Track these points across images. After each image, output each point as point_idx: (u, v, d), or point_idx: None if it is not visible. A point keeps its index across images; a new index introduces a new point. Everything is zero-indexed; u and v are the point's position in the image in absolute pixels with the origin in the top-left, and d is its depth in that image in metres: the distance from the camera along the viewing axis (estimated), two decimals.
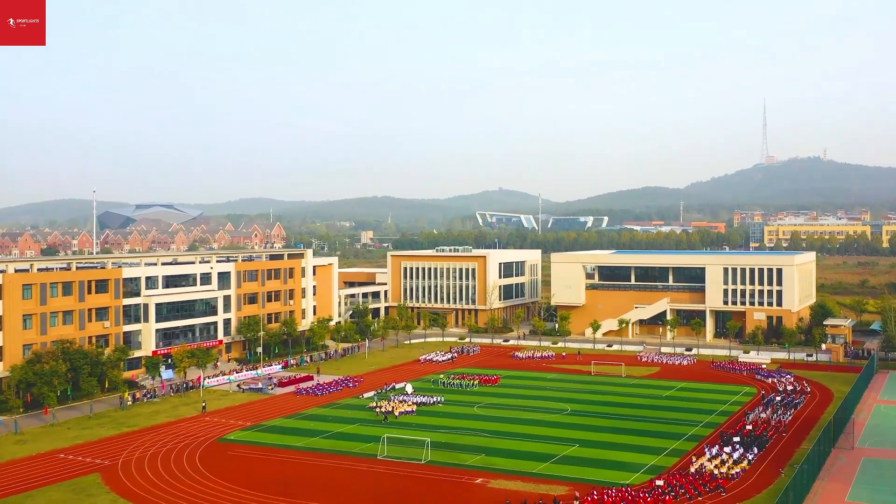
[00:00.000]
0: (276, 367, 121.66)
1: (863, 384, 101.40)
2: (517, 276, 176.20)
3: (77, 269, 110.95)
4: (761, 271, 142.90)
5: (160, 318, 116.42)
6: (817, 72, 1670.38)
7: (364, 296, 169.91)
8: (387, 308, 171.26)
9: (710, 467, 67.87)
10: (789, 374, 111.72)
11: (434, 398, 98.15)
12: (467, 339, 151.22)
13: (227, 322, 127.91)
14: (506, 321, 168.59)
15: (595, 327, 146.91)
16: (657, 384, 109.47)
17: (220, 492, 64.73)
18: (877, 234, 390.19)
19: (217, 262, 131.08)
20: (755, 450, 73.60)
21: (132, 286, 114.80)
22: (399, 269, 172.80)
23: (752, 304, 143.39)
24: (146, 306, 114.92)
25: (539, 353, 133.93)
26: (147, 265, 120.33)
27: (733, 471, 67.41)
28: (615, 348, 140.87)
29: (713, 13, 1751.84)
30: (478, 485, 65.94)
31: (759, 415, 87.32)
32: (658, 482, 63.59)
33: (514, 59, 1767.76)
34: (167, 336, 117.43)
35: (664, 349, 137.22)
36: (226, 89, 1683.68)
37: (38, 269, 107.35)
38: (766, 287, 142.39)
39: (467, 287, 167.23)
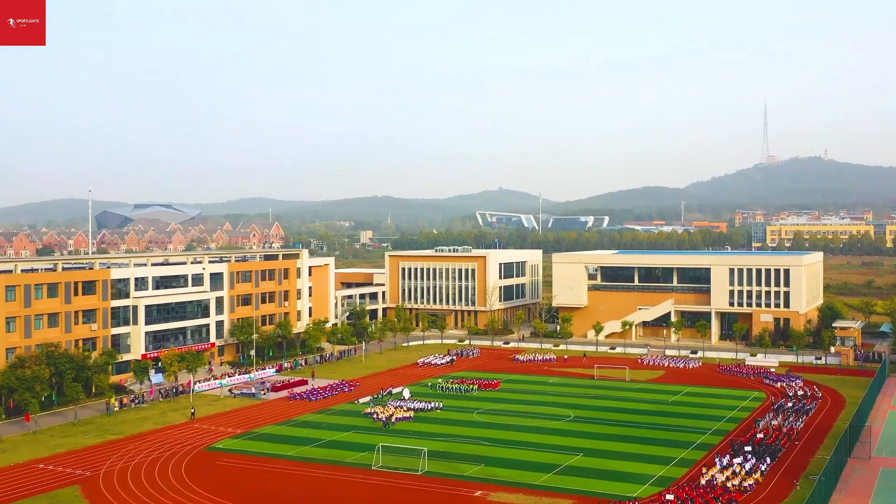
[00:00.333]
0: (269, 371, 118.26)
1: (875, 389, 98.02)
2: (518, 276, 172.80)
3: (63, 269, 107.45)
4: (768, 272, 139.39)
5: (150, 321, 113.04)
6: (817, 72, 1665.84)
7: (361, 297, 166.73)
8: (384, 309, 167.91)
9: (721, 479, 64.48)
10: (799, 379, 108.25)
11: (432, 404, 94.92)
12: (467, 342, 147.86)
13: (219, 324, 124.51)
14: (506, 323, 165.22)
15: (598, 329, 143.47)
16: (662, 388, 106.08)
17: None
18: (880, 234, 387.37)
19: (209, 262, 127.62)
20: (768, 460, 70.22)
21: (121, 287, 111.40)
22: (397, 269, 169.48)
23: (759, 305, 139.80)
24: (135, 308, 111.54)
25: (541, 356, 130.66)
26: (136, 266, 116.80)
27: (746, 483, 63.99)
28: (618, 351, 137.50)
29: (713, 13, 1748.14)
30: (477, 498, 62.55)
31: (770, 422, 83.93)
32: (668, 496, 60.12)
33: (515, 58, 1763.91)
34: (157, 339, 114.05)
35: (668, 352, 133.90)
36: (226, 89, 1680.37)
37: (23, 270, 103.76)
38: (773, 288, 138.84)
39: (467, 288, 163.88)
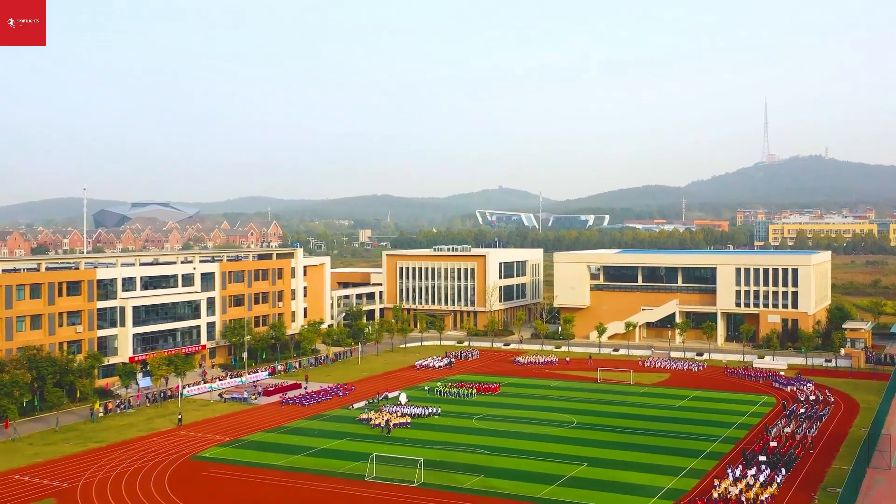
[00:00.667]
0: (262, 374, 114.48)
1: (890, 394, 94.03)
2: (518, 276, 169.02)
3: (47, 269, 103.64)
4: (776, 272, 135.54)
5: (138, 322, 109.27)
6: (818, 71, 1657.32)
7: (358, 297, 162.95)
8: (382, 310, 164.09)
9: (734, 492, 60.74)
10: (810, 382, 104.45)
11: (430, 409, 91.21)
12: (466, 343, 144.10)
13: (210, 326, 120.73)
14: (506, 323, 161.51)
15: (601, 330, 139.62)
16: (668, 392, 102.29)
17: None
18: (884, 233, 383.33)
19: (200, 262, 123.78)
20: (783, 470, 66.49)
21: (108, 288, 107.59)
22: (395, 269, 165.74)
23: (766, 306, 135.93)
24: (123, 309, 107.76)
25: (542, 358, 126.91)
26: (124, 265, 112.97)
27: (762, 496, 60.22)
28: (622, 352, 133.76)
29: (713, 13, 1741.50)
30: None
31: (783, 429, 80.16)
32: None
33: (514, 58, 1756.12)
34: (146, 341, 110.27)
35: (674, 353, 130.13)
36: (226, 89, 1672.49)
37: (4, 270, 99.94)
38: (781, 288, 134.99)
39: (466, 288, 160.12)
